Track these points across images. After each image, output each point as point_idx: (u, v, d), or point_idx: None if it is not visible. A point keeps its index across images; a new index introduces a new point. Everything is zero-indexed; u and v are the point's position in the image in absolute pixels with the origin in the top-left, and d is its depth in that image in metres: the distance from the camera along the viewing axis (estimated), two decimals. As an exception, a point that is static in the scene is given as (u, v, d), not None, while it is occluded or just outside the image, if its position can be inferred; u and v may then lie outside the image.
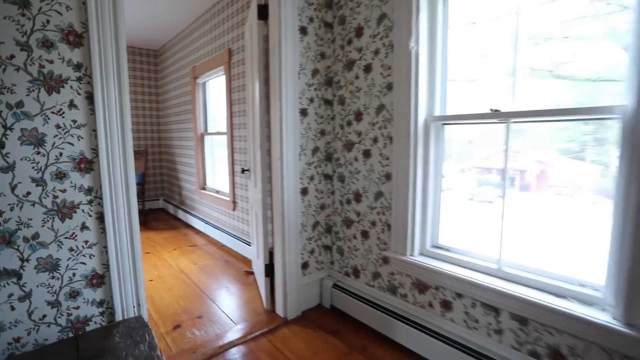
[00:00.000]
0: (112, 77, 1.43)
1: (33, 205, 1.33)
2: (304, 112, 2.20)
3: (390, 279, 2.04)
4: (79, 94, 1.39)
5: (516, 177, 1.66)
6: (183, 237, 4.06)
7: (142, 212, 4.83)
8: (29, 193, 1.32)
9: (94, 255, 1.48)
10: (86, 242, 1.45)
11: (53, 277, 1.39)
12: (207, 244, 3.81)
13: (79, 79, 1.39)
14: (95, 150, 1.43)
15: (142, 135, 5.28)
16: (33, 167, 1.32)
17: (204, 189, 4.30)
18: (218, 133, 3.93)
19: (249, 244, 3.30)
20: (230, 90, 3.42)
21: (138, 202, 5.09)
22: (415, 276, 1.90)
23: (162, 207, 5.55)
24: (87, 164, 1.43)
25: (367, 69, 2.05)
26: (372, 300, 2.11)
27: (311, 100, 2.22)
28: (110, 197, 1.47)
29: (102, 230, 1.48)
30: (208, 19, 3.71)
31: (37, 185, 1.33)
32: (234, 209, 3.57)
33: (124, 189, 1.50)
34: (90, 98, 1.41)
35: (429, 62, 1.83)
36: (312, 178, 2.28)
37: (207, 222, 4.11)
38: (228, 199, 3.68)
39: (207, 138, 4.26)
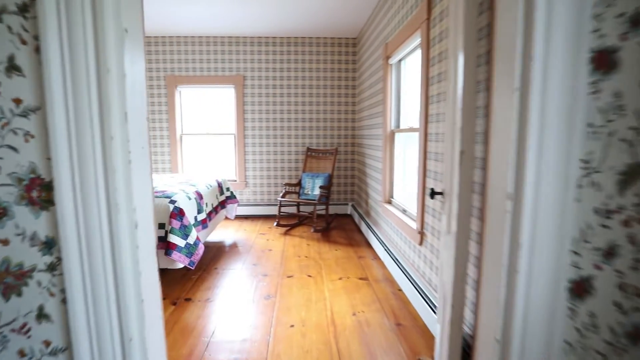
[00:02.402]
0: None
1: (-41, 265, 0.69)
2: (604, 62, 0.75)
3: None
4: (24, 43, 0.65)
5: None
6: (357, 262, 3.23)
7: (324, 217, 4.41)
8: (-50, 243, 0.69)
9: (62, 374, 0.74)
10: (47, 343, 0.73)
11: (-2, 401, 0.74)
12: (382, 281, 2.80)
13: (22, 10, 0.64)
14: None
15: (335, 132, 4.87)
16: (-45, 194, 0.68)
17: (389, 202, 3.31)
18: (411, 129, 2.81)
19: (434, 308, 2.04)
20: (427, 62, 2.22)
21: (320, 207, 4.78)
22: None
23: (349, 213, 5.01)
24: (44, 192, 0.68)
25: None
26: None
27: (635, 22, 0.74)
28: (80, 261, 0.67)
29: (74, 328, 0.71)
30: (408, -32, 2.62)
31: (-39, 229, 0.69)
32: (420, 243, 2.38)
33: (108, 249, 0.67)
34: (44, 47, 0.65)
35: None
36: (611, 252, 0.80)
37: (386, 249, 3.10)
38: (414, 226, 2.52)
39: (398, 136, 3.23)
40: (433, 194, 1.59)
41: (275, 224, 4.27)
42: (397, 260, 2.80)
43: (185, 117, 4.83)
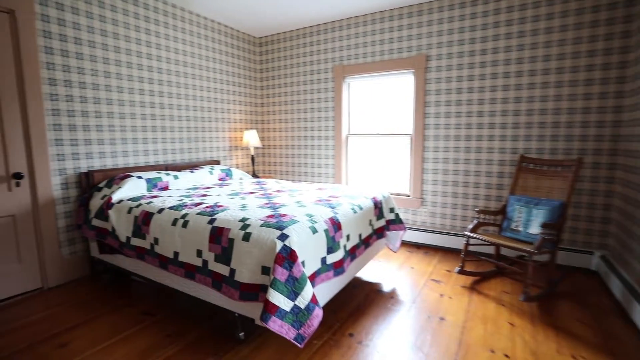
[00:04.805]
0: None
1: None
2: None
3: None
4: None
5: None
6: (632, 406, 1.50)
7: (544, 272, 2.62)
8: None
9: None
10: None
11: None
12: None
13: None
14: None
15: (575, 131, 2.90)
16: None
17: None
18: None
19: None
20: None
21: (540, 256, 2.80)
22: None
23: (595, 269, 2.93)
24: None
25: None
26: None
27: None
28: None
29: None
30: None
31: None
32: None
33: None
34: None
35: None
36: None
37: None
38: None
39: None
40: None
41: (457, 269, 2.87)
42: None
43: (352, 113, 4.10)
